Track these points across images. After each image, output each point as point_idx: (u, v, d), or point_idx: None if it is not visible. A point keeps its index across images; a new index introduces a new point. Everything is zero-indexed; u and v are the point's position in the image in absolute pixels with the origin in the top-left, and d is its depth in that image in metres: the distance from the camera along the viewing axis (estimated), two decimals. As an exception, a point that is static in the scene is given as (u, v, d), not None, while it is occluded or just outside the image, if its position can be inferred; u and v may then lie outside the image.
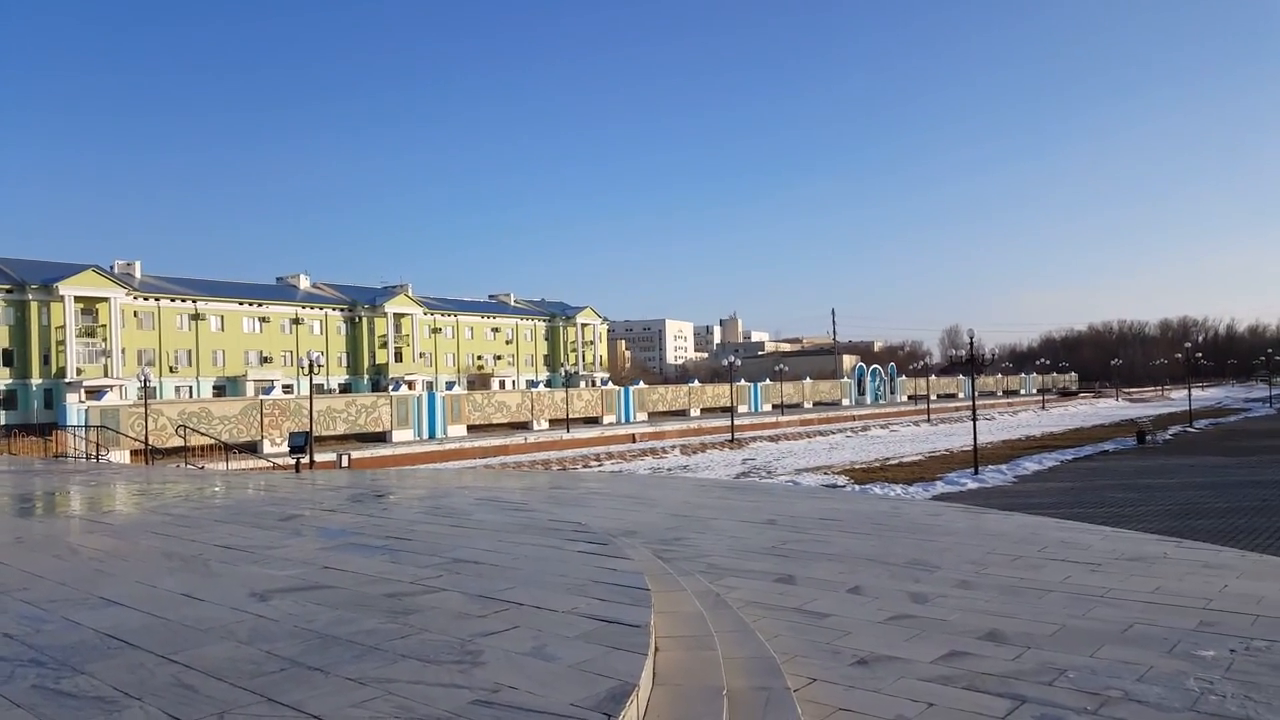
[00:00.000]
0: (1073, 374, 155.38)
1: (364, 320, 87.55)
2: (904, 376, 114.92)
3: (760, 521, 8.53)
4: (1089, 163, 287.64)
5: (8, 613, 4.77)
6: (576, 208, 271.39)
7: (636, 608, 4.45)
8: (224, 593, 5.10)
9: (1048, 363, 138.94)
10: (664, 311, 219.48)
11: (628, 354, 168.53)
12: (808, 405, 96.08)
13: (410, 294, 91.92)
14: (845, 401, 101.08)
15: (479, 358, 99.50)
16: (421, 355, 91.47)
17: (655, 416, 78.20)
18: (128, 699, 3.31)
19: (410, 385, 73.67)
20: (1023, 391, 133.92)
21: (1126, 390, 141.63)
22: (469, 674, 3.47)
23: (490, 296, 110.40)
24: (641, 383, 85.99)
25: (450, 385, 76.59)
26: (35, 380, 66.08)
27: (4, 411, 63.41)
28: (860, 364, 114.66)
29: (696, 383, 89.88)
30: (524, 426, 67.02)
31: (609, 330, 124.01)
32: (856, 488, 32.21)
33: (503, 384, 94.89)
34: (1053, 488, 31.67)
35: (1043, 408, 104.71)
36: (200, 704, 3.22)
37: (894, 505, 10.74)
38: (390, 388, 66.66)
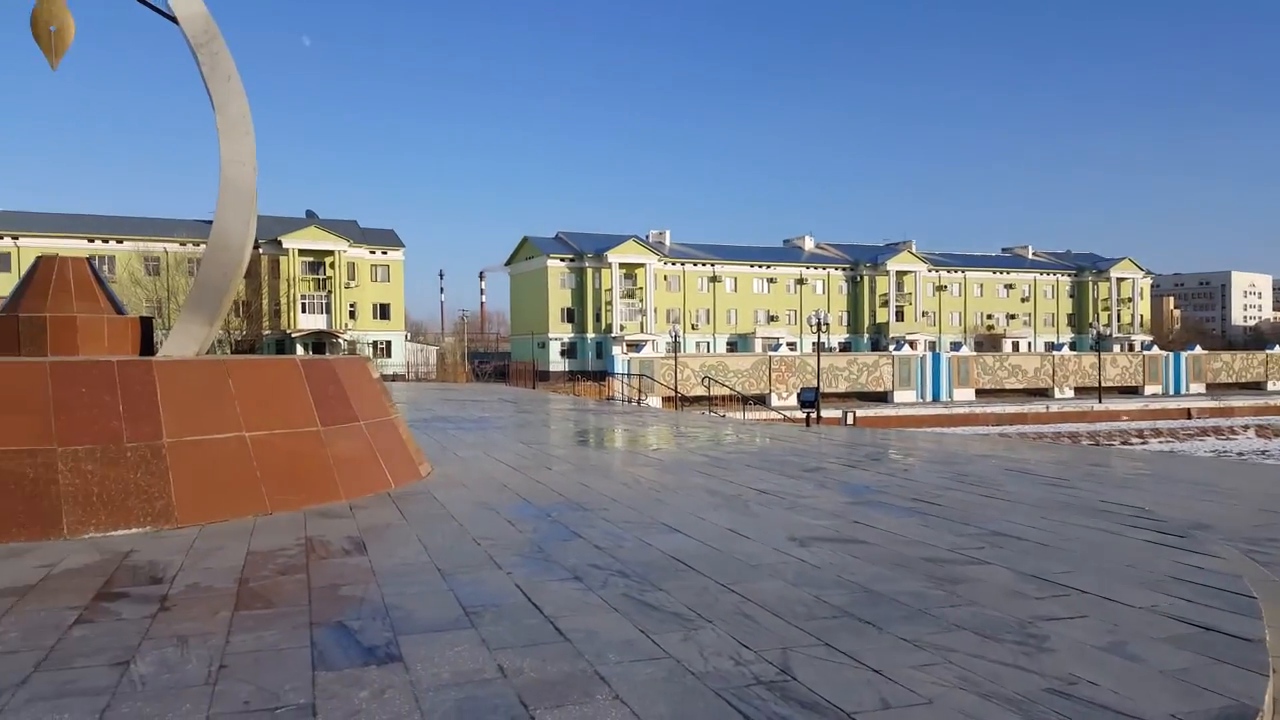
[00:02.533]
0: None
1: (865, 279, 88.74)
2: None
3: None
4: None
5: (595, 528, 5.80)
6: (1109, 146, 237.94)
7: (1242, 617, 3.74)
8: (765, 533, 5.55)
9: None
10: (1228, 262, 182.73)
11: (1177, 313, 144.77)
12: None
13: (913, 250, 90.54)
14: None
15: (989, 317, 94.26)
16: (924, 314, 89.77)
17: (1216, 389, 66.05)
18: (700, 619, 3.77)
19: (912, 345, 72.83)
20: None
21: None
22: (1035, 659, 3.25)
23: (1003, 250, 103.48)
24: (1198, 347, 73.17)
25: (956, 346, 73.93)
26: (589, 334, 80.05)
27: (567, 360, 78.21)
28: None
29: (1278, 349, 73.57)
30: (1042, 394, 61.85)
31: (1152, 285, 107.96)
32: None
33: (1016, 345, 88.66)
34: None
35: None
36: (763, 636, 3.52)
37: None
38: (891, 347, 66.73)
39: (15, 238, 62.10)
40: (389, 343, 72.64)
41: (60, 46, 7.09)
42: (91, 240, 63.22)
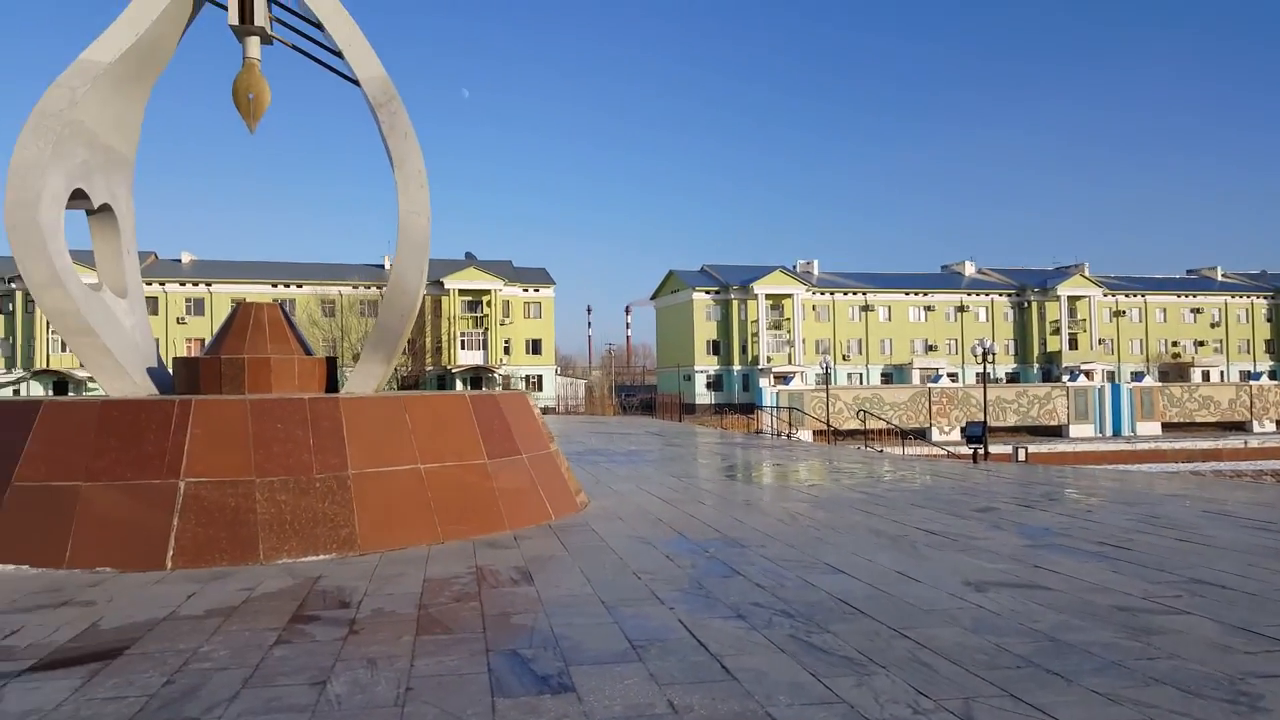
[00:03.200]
0: None
1: (1033, 305, 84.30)
2: None
3: None
4: None
5: (754, 565, 5.77)
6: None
7: None
8: (937, 576, 5.36)
9: None
10: None
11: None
12: None
13: (1086, 274, 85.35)
14: None
15: (1174, 344, 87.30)
16: (1100, 342, 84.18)
17: None
18: (872, 664, 3.68)
19: (1088, 375, 68.55)
20: None
21: None
22: (1249, 719, 2.99)
23: (1189, 272, 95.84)
24: None
25: (1138, 376, 68.98)
26: (735, 366, 79.79)
27: (713, 393, 78.19)
28: None
29: None
30: (1238, 427, 56.62)
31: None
32: None
33: (1206, 375, 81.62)
34: None
35: None
36: (942, 684, 3.41)
37: None
38: (1065, 378, 62.93)
39: (209, 284, 68.59)
40: (540, 377, 75.02)
41: (257, 111, 7.88)
42: (275, 285, 68.92)
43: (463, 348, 73.31)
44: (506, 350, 74.34)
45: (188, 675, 3.65)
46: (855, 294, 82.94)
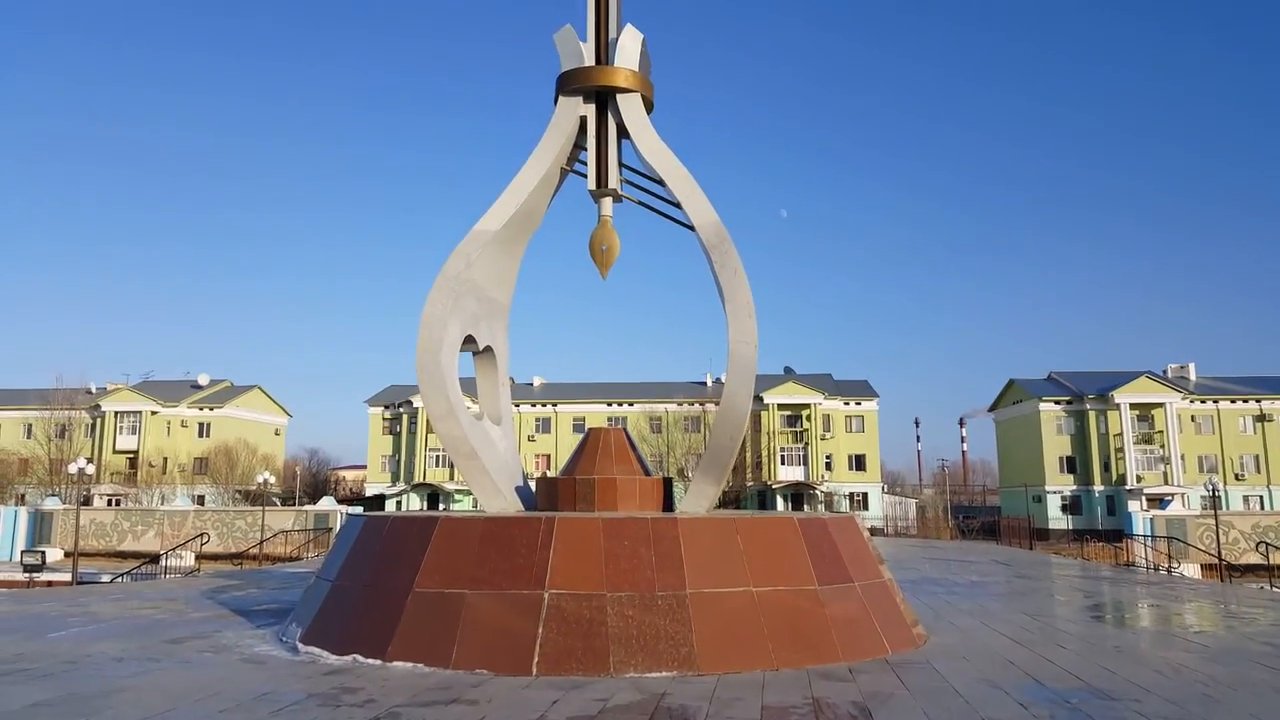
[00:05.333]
0: None
1: None
2: None
3: None
4: None
5: (1126, 721, 5.26)
6: None
7: None
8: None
9: None
10: None
11: None
12: None
13: None
14: None
15: None
16: None
17: None
18: None
19: None
20: None
21: None
22: None
23: None
24: None
25: None
26: (1096, 487, 71.78)
27: (1070, 516, 70.63)
28: None
29: None
30: None
31: None
32: None
33: None
34: None
35: None
36: None
37: None
38: None
39: (554, 405, 76.08)
40: (865, 494, 72.88)
41: (609, 261, 9.07)
42: (609, 404, 74.73)
43: (783, 463, 73.61)
44: (828, 466, 73.43)
45: (558, 775, 4.14)
46: (1247, 401, 71.92)
